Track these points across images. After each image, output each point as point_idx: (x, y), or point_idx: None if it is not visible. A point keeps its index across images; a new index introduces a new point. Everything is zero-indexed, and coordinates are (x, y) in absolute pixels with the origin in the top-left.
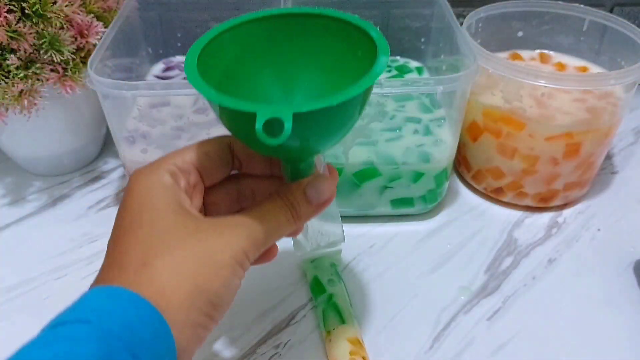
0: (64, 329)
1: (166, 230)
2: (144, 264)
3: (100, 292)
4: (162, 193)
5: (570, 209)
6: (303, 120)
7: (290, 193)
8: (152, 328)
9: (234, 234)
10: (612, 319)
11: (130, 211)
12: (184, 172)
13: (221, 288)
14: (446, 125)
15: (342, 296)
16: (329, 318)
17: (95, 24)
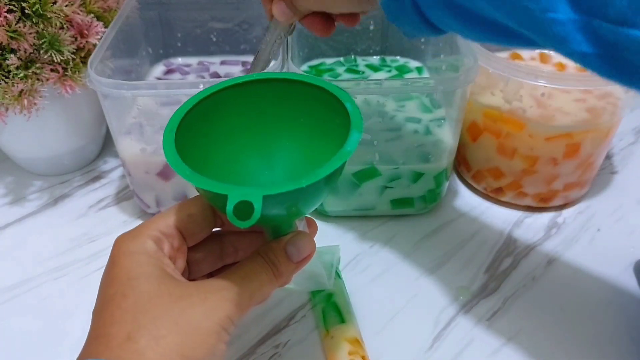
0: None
1: (150, 300)
2: (129, 337)
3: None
4: (145, 261)
5: (570, 209)
6: (273, 200)
7: (272, 252)
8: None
9: (217, 298)
10: (612, 319)
11: (114, 280)
12: (168, 236)
13: (207, 356)
14: (446, 125)
15: (342, 295)
16: (329, 317)
17: (95, 24)
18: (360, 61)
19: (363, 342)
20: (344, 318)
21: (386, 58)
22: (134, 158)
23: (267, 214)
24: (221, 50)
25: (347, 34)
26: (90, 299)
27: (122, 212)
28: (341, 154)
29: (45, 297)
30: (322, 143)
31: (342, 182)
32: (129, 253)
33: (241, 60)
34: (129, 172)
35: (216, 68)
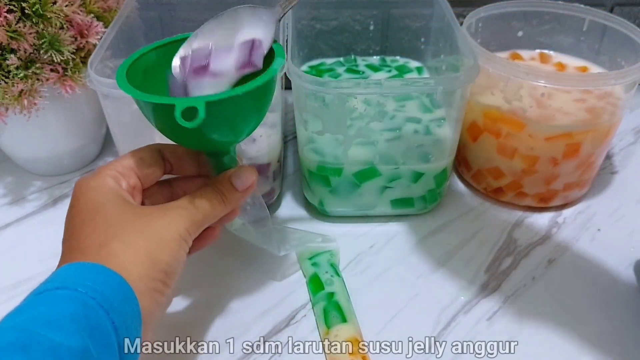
0: (44, 295)
1: (116, 217)
2: (102, 245)
3: (70, 267)
4: (108, 192)
5: (570, 209)
6: (214, 107)
7: (218, 182)
8: (120, 293)
9: (175, 214)
10: (612, 319)
11: (81, 211)
12: (124, 175)
13: (171, 259)
14: (446, 125)
15: (343, 295)
16: (330, 316)
17: (95, 24)
18: (360, 61)
19: (364, 342)
20: (346, 317)
21: (386, 58)
22: None
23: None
24: None
25: (347, 34)
26: None
27: None
28: (269, 71)
29: None
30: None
31: (342, 182)
32: (91, 187)
33: None
34: None
35: None
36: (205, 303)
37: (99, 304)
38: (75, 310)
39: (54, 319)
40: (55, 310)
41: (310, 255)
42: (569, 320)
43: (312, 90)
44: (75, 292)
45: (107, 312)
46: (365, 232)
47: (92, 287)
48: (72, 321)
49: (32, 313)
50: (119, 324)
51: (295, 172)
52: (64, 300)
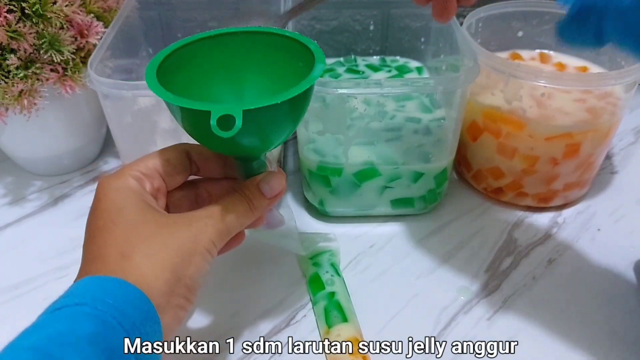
0: (62, 312)
1: (140, 225)
2: (123, 256)
3: (90, 280)
4: (130, 195)
5: (570, 209)
6: (251, 116)
7: (246, 188)
8: (141, 310)
9: (201, 225)
10: (612, 319)
11: (103, 213)
12: (148, 177)
13: (195, 273)
14: (446, 125)
15: (344, 294)
16: (331, 316)
17: (95, 24)
18: (360, 61)
19: (364, 342)
20: (347, 317)
21: (386, 58)
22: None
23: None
24: None
25: (347, 34)
26: None
27: None
28: (309, 79)
29: (46, 297)
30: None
31: (342, 182)
32: (114, 189)
33: None
34: None
35: None
36: (205, 303)
37: (119, 324)
38: (94, 331)
39: (72, 340)
40: (73, 330)
41: (311, 255)
42: (569, 320)
43: None
44: (95, 310)
45: (127, 331)
46: (365, 232)
47: (113, 305)
48: (90, 343)
49: (50, 332)
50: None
51: (296, 172)
52: (83, 318)
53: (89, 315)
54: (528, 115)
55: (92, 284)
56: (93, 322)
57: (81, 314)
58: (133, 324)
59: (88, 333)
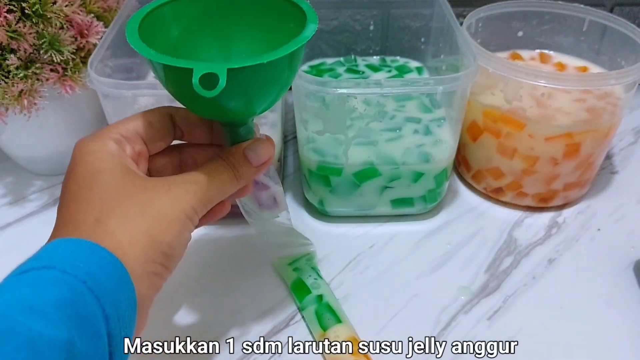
0: (29, 275)
1: (116, 189)
2: (98, 220)
3: (61, 243)
4: (108, 158)
5: (570, 209)
6: (237, 76)
7: (231, 155)
8: (115, 276)
9: (181, 190)
10: (612, 319)
11: (78, 177)
12: (129, 140)
13: (173, 240)
14: (446, 125)
15: (331, 296)
16: (324, 319)
17: (95, 24)
18: (360, 61)
19: (363, 341)
20: (340, 318)
21: (386, 58)
22: None
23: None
24: None
25: (347, 34)
26: None
27: None
28: (299, 38)
29: None
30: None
31: (342, 182)
32: (91, 152)
33: None
34: None
35: None
36: (205, 303)
37: (89, 289)
38: (61, 296)
39: (36, 304)
40: (39, 295)
41: (290, 261)
42: (568, 320)
43: (312, 90)
44: (64, 273)
45: (97, 298)
46: (365, 232)
47: (84, 269)
48: (57, 308)
49: (13, 295)
50: (111, 312)
51: (295, 172)
52: (50, 282)
53: (57, 279)
54: (528, 115)
55: (61, 247)
56: (60, 287)
57: (49, 277)
58: (104, 290)
59: (55, 298)
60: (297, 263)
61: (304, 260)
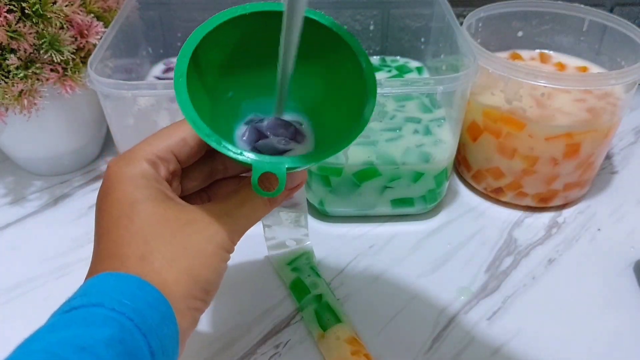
0: (78, 312)
1: (157, 224)
2: (143, 257)
3: (107, 278)
4: (144, 184)
5: (570, 209)
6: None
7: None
8: (160, 313)
9: (220, 223)
10: (612, 319)
11: (115, 204)
12: (163, 160)
13: (212, 276)
14: (446, 125)
15: (330, 296)
16: (324, 318)
17: (95, 24)
18: None
19: (362, 340)
20: (340, 317)
21: (386, 58)
22: None
23: None
24: None
25: None
26: None
27: None
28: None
29: (46, 297)
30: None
31: (342, 182)
32: (127, 177)
33: None
34: None
35: None
36: None
37: (136, 326)
38: (111, 335)
39: (88, 344)
40: (89, 334)
41: (289, 260)
42: (568, 320)
43: None
44: (112, 312)
45: (144, 335)
46: (365, 232)
47: (131, 306)
48: (107, 347)
49: (65, 335)
50: (156, 348)
51: None
52: (100, 321)
53: (106, 318)
54: (528, 115)
55: (108, 282)
56: (110, 326)
57: (98, 316)
58: (150, 326)
59: (105, 337)
60: (296, 263)
61: (303, 260)
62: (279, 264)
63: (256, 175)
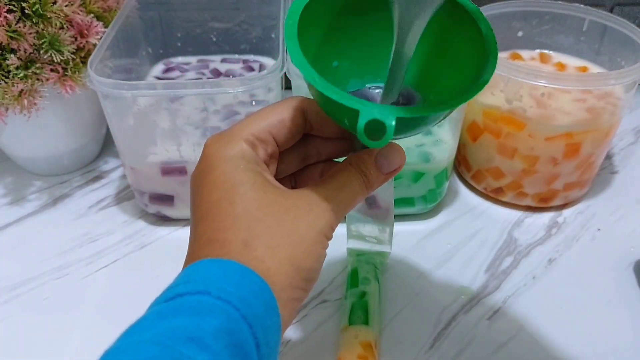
0: (184, 300)
1: (260, 208)
2: (246, 244)
3: (212, 263)
4: (244, 166)
5: (570, 209)
6: (402, 122)
7: (362, 162)
8: (264, 302)
9: (320, 209)
10: (612, 318)
11: (216, 186)
12: (261, 141)
13: (314, 264)
14: (446, 125)
15: (375, 298)
16: (355, 314)
17: (95, 24)
18: None
19: (376, 348)
20: (370, 320)
21: None
22: (134, 158)
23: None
24: (221, 50)
25: None
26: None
27: (122, 212)
28: (478, 84)
29: (47, 297)
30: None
31: None
32: (227, 158)
33: (242, 58)
34: (129, 172)
35: (217, 65)
36: None
37: (242, 316)
38: (219, 325)
39: (197, 335)
40: (197, 324)
41: (360, 252)
42: (569, 320)
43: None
44: (218, 300)
45: (250, 325)
46: None
47: (236, 294)
48: (215, 338)
49: (173, 324)
50: (261, 339)
51: None
52: (208, 310)
53: (214, 306)
54: (528, 115)
55: (212, 268)
56: (218, 315)
57: (206, 304)
58: (255, 316)
59: (213, 327)
60: (365, 256)
61: (374, 256)
62: (351, 251)
63: (363, 121)
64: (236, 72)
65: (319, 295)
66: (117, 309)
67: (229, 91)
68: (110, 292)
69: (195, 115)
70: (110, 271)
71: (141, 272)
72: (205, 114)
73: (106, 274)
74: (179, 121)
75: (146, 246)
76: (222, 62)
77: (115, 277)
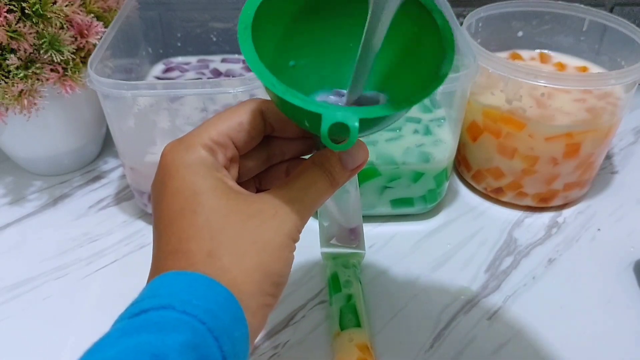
0: (149, 316)
1: (224, 217)
2: (210, 254)
3: (175, 277)
4: (205, 173)
5: (570, 209)
6: (365, 123)
7: (327, 160)
8: (230, 313)
9: (286, 212)
10: (612, 319)
11: (177, 195)
12: (220, 146)
13: (283, 268)
14: (446, 125)
15: (360, 299)
16: (346, 318)
17: (95, 24)
18: None
19: (372, 349)
20: (361, 322)
21: None
22: (134, 158)
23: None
24: (221, 50)
25: None
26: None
27: (122, 212)
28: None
29: (46, 297)
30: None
31: None
32: (186, 165)
33: (242, 58)
34: (129, 172)
35: (216, 65)
36: None
37: (208, 330)
38: (184, 340)
39: (161, 351)
40: (163, 340)
41: (336, 255)
42: (568, 320)
43: None
44: (183, 314)
45: (216, 338)
46: (365, 232)
47: (202, 307)
48: (180, 354)
49: (137, 341)
50: (229, 351)
51: None
52: (172, 326)
53: (178, 322)
54: (528, 115)
55: (177, 282)
56: (182, 331)
57: (170, 320)
58: (222, 328)
59: (178, 343)
60: (341, 258)
61: (349, 259)
62: (326, 256)
63: (326, 125)
64: (236, 72)
65: (317, 295)
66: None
67: (229, 91)
68: (109, 292)
69: (195, 115)
70: (110, 271)
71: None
72: (205, 114)
73: (106, 273)
74: (178, 121)
75: (146, 246)
76: (222, 62)
77: (115, 277)
